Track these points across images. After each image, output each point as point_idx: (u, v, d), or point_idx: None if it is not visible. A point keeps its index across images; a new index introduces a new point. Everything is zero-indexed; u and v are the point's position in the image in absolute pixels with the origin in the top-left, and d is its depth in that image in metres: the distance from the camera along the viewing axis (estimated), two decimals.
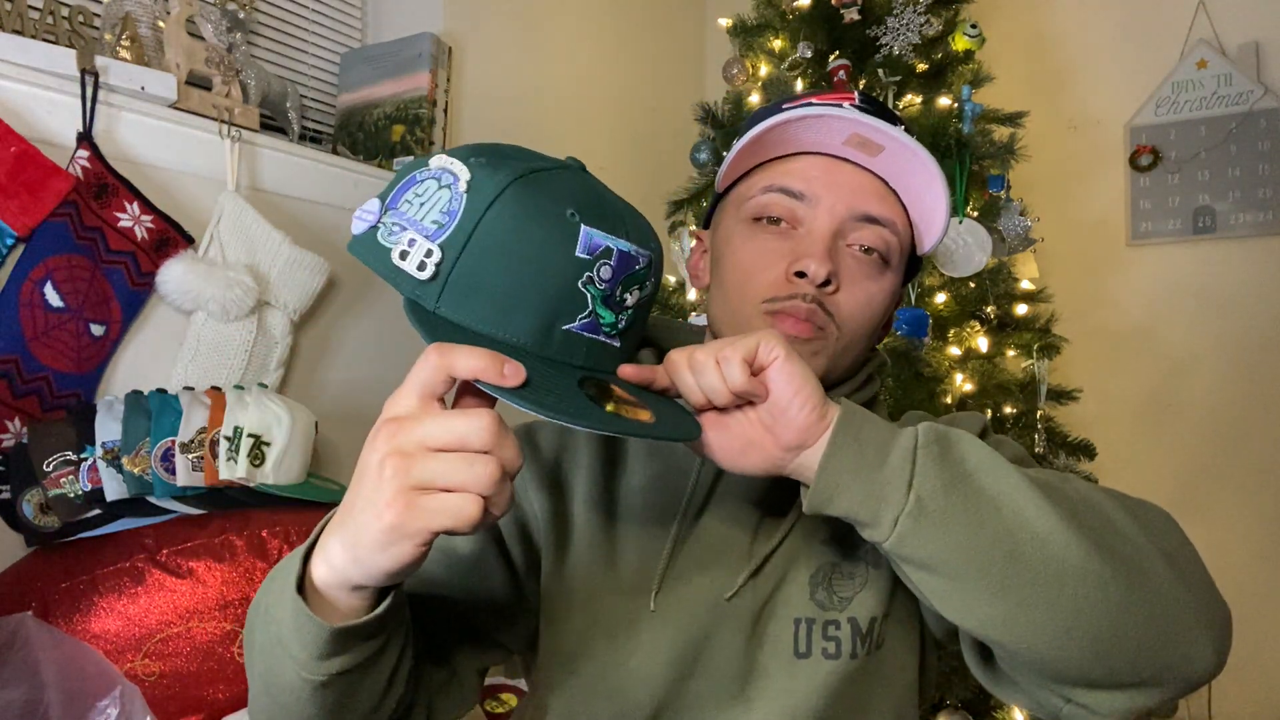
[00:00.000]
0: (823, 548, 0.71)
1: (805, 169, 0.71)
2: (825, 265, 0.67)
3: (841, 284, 0.69)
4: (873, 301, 0.71)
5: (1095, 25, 2.33)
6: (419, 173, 0.57)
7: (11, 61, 1.16)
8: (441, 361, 0.49)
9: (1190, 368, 2.19)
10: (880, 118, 0.69)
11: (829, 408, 0.57)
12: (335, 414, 1.59)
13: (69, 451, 1.13)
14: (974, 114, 1.73)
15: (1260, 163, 2.14)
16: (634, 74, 2.43)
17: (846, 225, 0.70)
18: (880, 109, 0.72)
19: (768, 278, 0.70)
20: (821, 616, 0.69)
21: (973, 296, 1.73)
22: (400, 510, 0.45)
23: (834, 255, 0.69)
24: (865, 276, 0.70)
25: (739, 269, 0.72)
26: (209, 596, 1.11)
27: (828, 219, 0.70)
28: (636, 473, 0.76)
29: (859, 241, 0.70)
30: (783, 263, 0.69)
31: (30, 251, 1.17)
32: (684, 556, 0.72)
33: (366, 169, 1.65)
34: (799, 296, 0.68)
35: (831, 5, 1.85)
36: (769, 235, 0.71)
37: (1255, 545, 2.10)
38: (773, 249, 0.70)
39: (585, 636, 0.71)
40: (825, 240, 0.69)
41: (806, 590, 0.70)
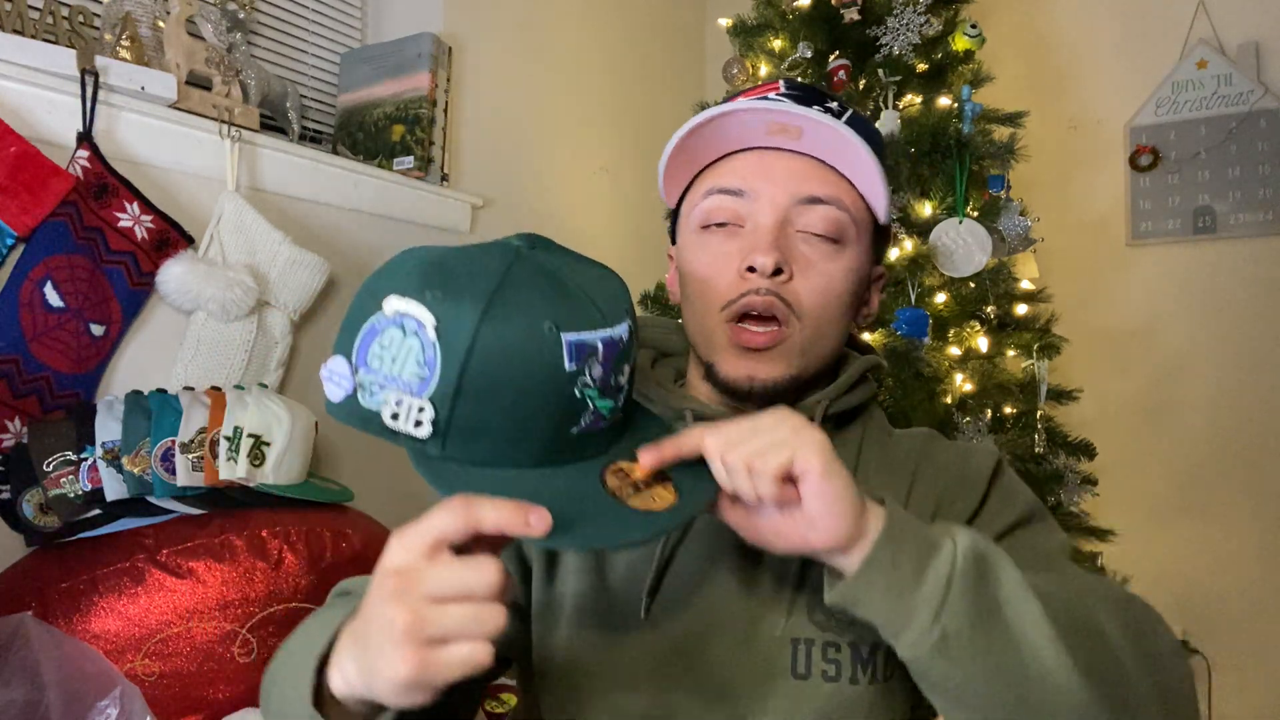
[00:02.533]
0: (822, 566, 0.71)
1: (739, 166, 0.71)
2: (772, 255, 0.68)
3: (796, 271, 0.69)
4: (833, 283, 0.70)
5: (1095, 25, 2.33)
6: (376, 320, 0.56)
7: (11, 61, 1.16)
8: (467, 516, 0.48)
9: (1190, 368, 2.19)
10: (806, 101, 0.70)
11: (866, 518, 0.55)
12: None
13: (69, 451, 1.13)
14: (974, 114, 1.73)
15: (1260, 163, 2.14)
16: (634, 74, 2.43)
17: (791, 212, 0.70)
18: (807, 91, 0.72)
19: (723, 281, 0.70)
20: (821, 638, 0.68)
21: (973, 296, 1.73)
22: (414, 665, 0.46)
23: (782, 244, 0.69)
24: (820, 259, 0.70)
25: (696, 278, 0.73)
26: (209, 596, 1.11)
27: (770, 210, 0.70)
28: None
29: (807, 226, 0.70)
30: (734, 262, 0.70)
31: (30, 251, 1.17)
32: (677, 567, 0.71)
33: (366, 169, 1.65)
34: (754, 291, 0.69)
35: (831, 5, 1.85)
36: (718, 239, 0.72)
37: (1255, 545, 2.10)
38: (723, 252, 0.71)
39: (575, 645, 0.71)
40: (771, 231, 0.69)
41: (804, 610, 0.69)
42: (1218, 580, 2.13)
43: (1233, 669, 2.09)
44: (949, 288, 1.72)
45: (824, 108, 0.70)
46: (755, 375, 0.70)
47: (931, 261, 1.67)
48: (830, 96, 0.73)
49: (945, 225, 1.69)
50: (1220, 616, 2.12)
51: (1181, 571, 2.16)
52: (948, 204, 1.71)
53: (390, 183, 1.68)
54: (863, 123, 0.72)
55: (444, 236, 1.83)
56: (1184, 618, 2.15)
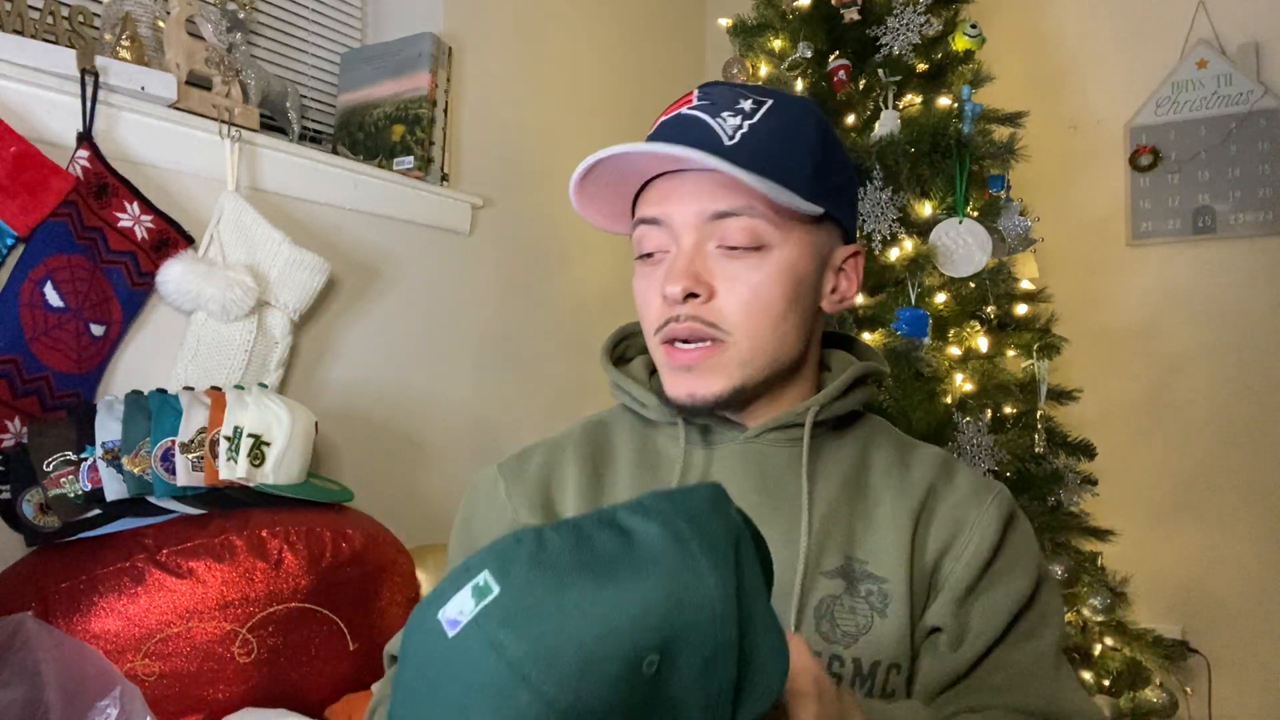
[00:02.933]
0: (826, 580, 0.70)
1: (654, 194, 0.72)
2: (678, 283, 0.68)
3: (719, 288, 0.70)
4: (759, 291, 0.70)
5: (1095, 25, 2.33)
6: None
7: (11, 61, 1.16)
8: None
9: (1190, 368, 2.19)
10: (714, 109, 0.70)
11: None
12: (335, 414, 1.59)
13: (69, 451, 1.13)
14: (974, 114, 1.73)
15: (1260, 163, 2.14)
16: (634, 74, 2.43)
17: (705, 231, 0.70)
18: (718, 96, 0.72)
19: (652, 309, 0.72)
20: (827, 650, 0.68)
21: (973, 296, 1.73)
22: None
23: (697, 266, 0.69)
24: (743, 270, 0.70)
25: (638, 307, 0.75)
26: (209, 596, 1.11)
27: (684, 234, 0.70)
28: (624, 485, 0.77)
29: (724, 240, 0.70)
30: (659, 290, 0.71)
31: (30, 251, 1.17)
32: None
33: (366, 169, 1.65)
34: (674, 319, 0.70)
35: (831, 5, 1.85)
36: (649, 268, 0.73)
37: (1255, 545, 2.10)
38: (652, 281, 0.72)
39: None
40: (684, 257, 0.69)
41: (811, 621, 0.69)
42: (1217, 580, 2.13)
43: (1233, 669, 2.09)
44: (949, 288, 1.72)
45: (734, 109, 0.70)
46: (694, 392, 0.71)
47: (931, 261, 1.67)
48: (745, 93, 0.72)
49: (945, 225, 1.69)
50: (1220, 616, 2.12)
51: (1181, 571, 2.16)
52: (948, 204, 1.71)
53: (390, 183, 1.68)
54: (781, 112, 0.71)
55: (444, 236, 1.83)
56: (1184, 617, 2.15)
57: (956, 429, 1.60)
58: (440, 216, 1.80)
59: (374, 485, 1.62)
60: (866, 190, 1.70)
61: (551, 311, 2.10)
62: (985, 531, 0.71)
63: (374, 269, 1.69)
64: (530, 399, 2.04)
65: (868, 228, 1.70)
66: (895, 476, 0.75)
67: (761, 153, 0.69)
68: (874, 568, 0.70)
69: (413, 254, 1.76)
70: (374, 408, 1.68)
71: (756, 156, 0.68)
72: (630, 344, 0.86)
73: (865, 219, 1.70)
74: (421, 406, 1.77)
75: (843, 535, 0.72)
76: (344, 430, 1.61)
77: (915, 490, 0.74)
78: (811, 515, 0.71)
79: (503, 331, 1.98)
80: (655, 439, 0.79)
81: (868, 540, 0.72)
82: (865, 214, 1.70)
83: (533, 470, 0.79)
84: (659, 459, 0.77)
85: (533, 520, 0.75)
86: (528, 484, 0.78)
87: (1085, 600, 1.67)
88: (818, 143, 0.73)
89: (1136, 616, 1.85)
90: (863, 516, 0.73)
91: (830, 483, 0.74)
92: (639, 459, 0.77)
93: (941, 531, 0.72)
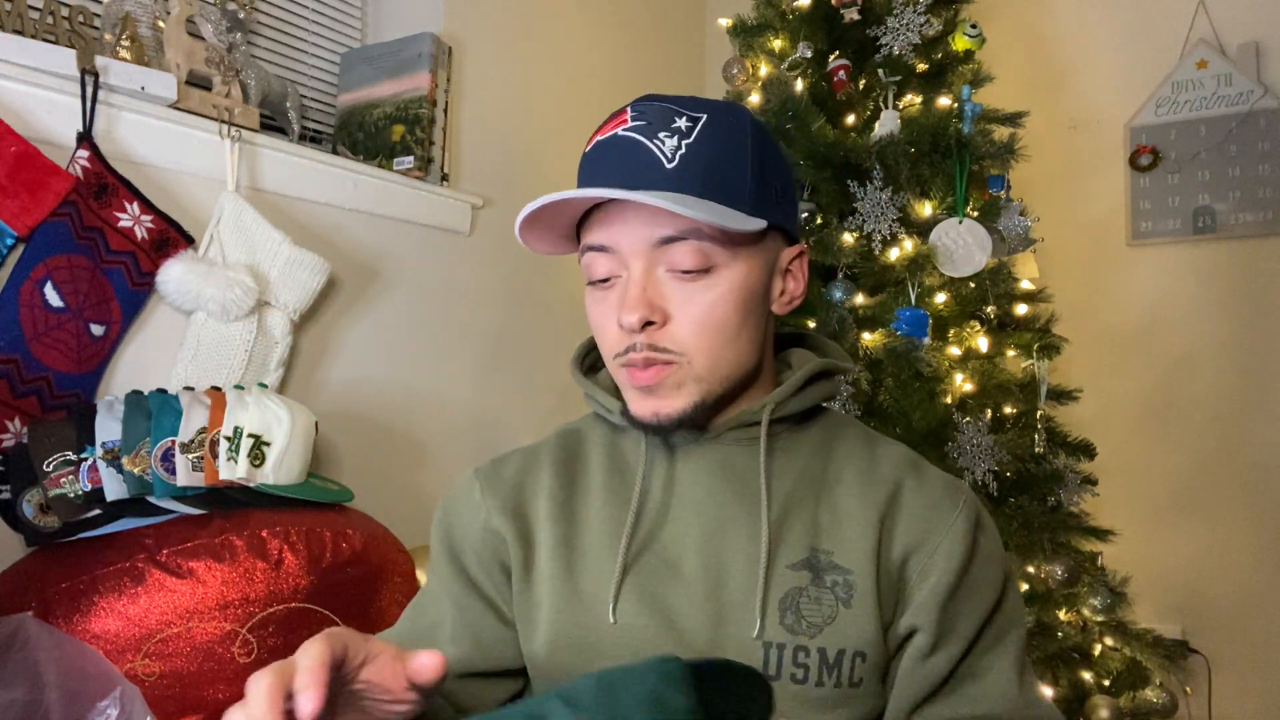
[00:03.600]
0: (790, 573, 0.71)
1: (600, 220, 0.72)
2: (634, 312, 0.68)
3: (671, 312, 0.70)
4: (713, 312, 0.70)
5: (1095, 25, 2.33)
6: None
7: (11, 61, 1.16)
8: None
9: (1190, 368, 2.19)
10: (650, 130, 0.69)
11: None
12: (335, 414, 1.59)
13: (69, 451, 1.13)
14: (974, 114, 1.73)
15: (1260, 163, 2.14)
16: (634, 74, 2.43)
17: (653, 256, 0.70)
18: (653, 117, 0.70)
19: (609, 335, 0.73)
20: (792, 641, 0.69)
21: (973, 296, 1.73)
22: None
23: (650, 293, 0.69)
24: (694, 292, 0.70)
25: (593, 330, 0.76)
26: (209, 596, 1.11)
27: (633, 261, 0.70)
28: (596, 488, 0.78)
29: (672, 265, 0.70)
30: (613, 317, 0.71)
31: (30, 251, 1.17)
32: (642, 570, 0.73)
33: (366, 169, 1.65)
34: (631, 348, 0.70)
35: (831, 5, 1.85)
36: (601, 293, 0.73)
37: (1255, 545, 2.10)
38: (605, 309, 0.73)
39: (553, 649, 0.73)
40: (636, 285, 0.70)
41: (776, 613, 0.70)
42: (1217, 579, 2.13)
43: (1232, 669, 2.09)
44: (949, 288, 1.72)
45: (670, 129, 0.69)
46: (659, 411, 0.72)
47: (931, 261, 1.67)
48: (679, 109, 0.71)
49: (945, 225, 1.69)
50: (1220, 616, 2.12)
51: (1181, 571, 2.16)
52: (948, 204, 1.71)
53: (390, 183, 1.68)
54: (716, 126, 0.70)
55: (444, 236, 1.83)
56: (1183, 617, 2.15)
57: (956, 429, 1.60)
58: (440, 216, 1.80)
59: (374, 485, 1.62)
60: (866, 190, 1.70)
61: (551, 311, 2.10)
62: (959, 537, 0.72)
63: (374, 269, 1.69)
64: (530, 399, 2.04)
65: (867, 228, 1.70)
66: (862, 470, 0.76)
67: (703, 173, 0.69)
68: (839, 559, 0.71)
69: (413, 254, 1.76)
70: (374, 408, 1.68)
71: (698, 178, 0.68)
72: (599, 352, 0.86)
73: (865, 219, 1.70)
74: (421, 406, 1.77)
75: (807, 528, 0.73)
76: (344, 430, 1.61)
77: (883, 485, 0.74)
78: (771, 510, 0.72)
79: (503, 331, 1.98)
80: (624, 444, 0.80)
81: (833, 532, 0.73)
82: (865, 214, 1.70)
83: (508, 476, 0.81)
84: (628, 462, 0.79)
85: (504, 524, 0.77)
86: (501, 488, 0.80)
87: (1085, 600, 1.67)
88: (755, 152, 0.73)
89: (1136, 616, 1.85)
90: (828, 509, 0.74)
91: (792, 477, 0.75)
92: (609, 465, 0.79)
93: (911, 529, 0.73)
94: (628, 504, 0.76)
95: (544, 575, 0.75)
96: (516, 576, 0.77)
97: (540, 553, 0.76)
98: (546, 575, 0.75)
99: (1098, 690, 1.68)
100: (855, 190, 1.70)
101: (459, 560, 0.80)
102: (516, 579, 0.77)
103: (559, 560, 0.75)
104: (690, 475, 0.75)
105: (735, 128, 0.72)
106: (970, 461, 1.58)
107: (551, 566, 0.75)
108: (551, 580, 0.75)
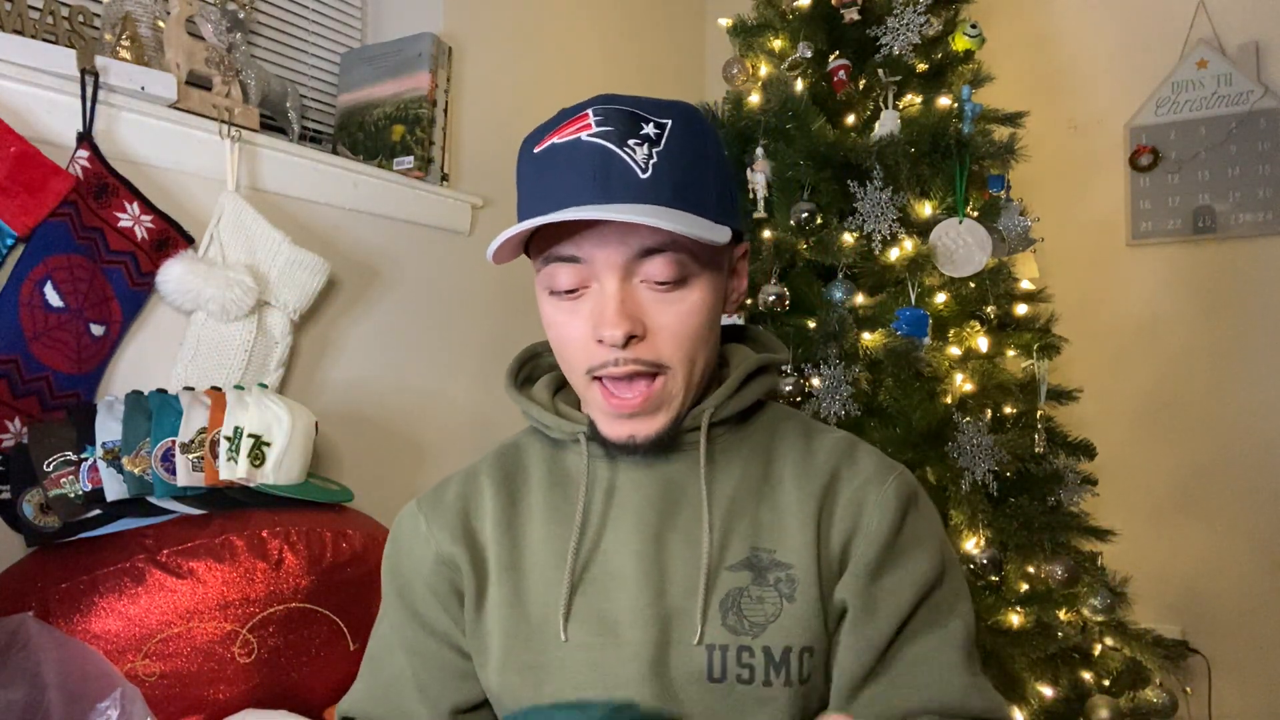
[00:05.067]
0: (730, 574, 0.71)
1: (571, 230, 0.69)
2: (620, 327, 0.67)
3: (649, 326, 0.69)
4: (688, 321, 0.70)
5: (1095, 25, 2.33)
6: None
7: (11, 61, 1.16)
8: None
9: (1190, 368, 2.19)
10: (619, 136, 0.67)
11: None
12: (335, 414, 1.59)
13: (69, 451, 1.13)
14: (974, 114, 1.73)
15: (1260, 163, 2.14)
16: (634, 74, 2.43)
17: (630, 267, 0.68)
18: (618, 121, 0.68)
19: (579, 349, 0.70)
20: (735, 642, 0.69)
21: (973, 296, 1.73)
22: None
23: (629, 307, 0.68)
24: (670, 304, 0.69)
25: (557, 341, 0.73)
26: (209, 596, 1.11)
27: (609, 274, 0.68)
28: (538, 506, 0.77)
29: (648, 277, 0.69)
30: (586, 329, 0.69)
31: (30, 251, 1.17)
32: (588, 587, 0.72)
33: (366, 169, 1.65)
34: (611, 362, 0.69)
35: (831, 5, 1.84)
36: (567, 304, 0.71)
37: (1255, 545, 2.10)
38: (575, 320, 0.70)
39: (504, 672, 0.73)
40: (615, 298, 0.68)
41: (718, 616, 0.70)
42: (1217, 579, 2.13)
43: (1232, 668, 2.09)
44: (949, 288, 1.72)
45: (639, 136, 0.68)
46: (636, 434, 0.71)
47: (931, 261, 1.67)
48: (641, 114, 0.69)
49: (945, 225, 1.69)
50: (1220, 616, 2.12)
51: (1181, 571, 2.16)
52: (948, 204, 1.71)
53: (390, 183, 1.68)
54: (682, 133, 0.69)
55: (444, 236, 1.83)
56: (1183, 617, 2.15)
57: (956, 429, 1.60)
58: (440, 216, 1.80)
59: (374, 485, 1.62)
60: (866, 190, 1.70)
61: None
62: (885, 510, 0.72)
63: (374, 269, 1.69)
64: None
65: (867, 228, 1.69)
66: (799, 463, 0.75)
67: (678, 184, 0.68)
68: (780, 555, 0.71)
69: (413, 254, 1.76)
70: (374, 408, 1.68)
71: (670, 188, 0.67)
72: (535, 365, 0.85)
73: (865, 219, 1.70)
74: (421, 406, 1.77)
75: (748, 528, 0.73)
76: (344, 430, 1.61)
77: (819, 474, 0.74)
78: (712, 515, 0.72)
79: (503, 331, 1.98)
80: (564, 458, 0.79)
81: (773, 529, 0.73)
82: (865, 214, 1.70)
83: (449, 501, 0.79)
84: (569, 476, 0.78)
85: (456, 550, 0.76)
86: (446, 515, 0.78)
87: (1085, 600, 1.66)
88: (715, 157, 0.72)
89: (1136, 616, 1.85)
90: (769, 506, 0.74)
91: (733, 479, 0.75)
92: (550, 479, 0.78)
93: (846, 514, 0.73)
94: (570, 520, 0.75)
95: (493, 603, 0.75)
96: (469, 606, 0.76)
97: (490, 579, 0.75)
98: (495, 603, 0.75)
99: (1098, 690, 1.68)
100: (855, 190, 1.70)
101: (410, 603, 0.78)
102: (469, 609, 0.76)
103: (506, 585, 0.74)
104: (631, 484, 0.75)
105: (698, 133, 0.71)
106: (970, 461, 1.58)
107: (499, 593, 0.74)
108: (500, 607, 0.74)
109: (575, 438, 0.76)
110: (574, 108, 0.71)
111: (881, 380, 1.66)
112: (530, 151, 0.73)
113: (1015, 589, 1.66)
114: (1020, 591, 1.66)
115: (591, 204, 0.66)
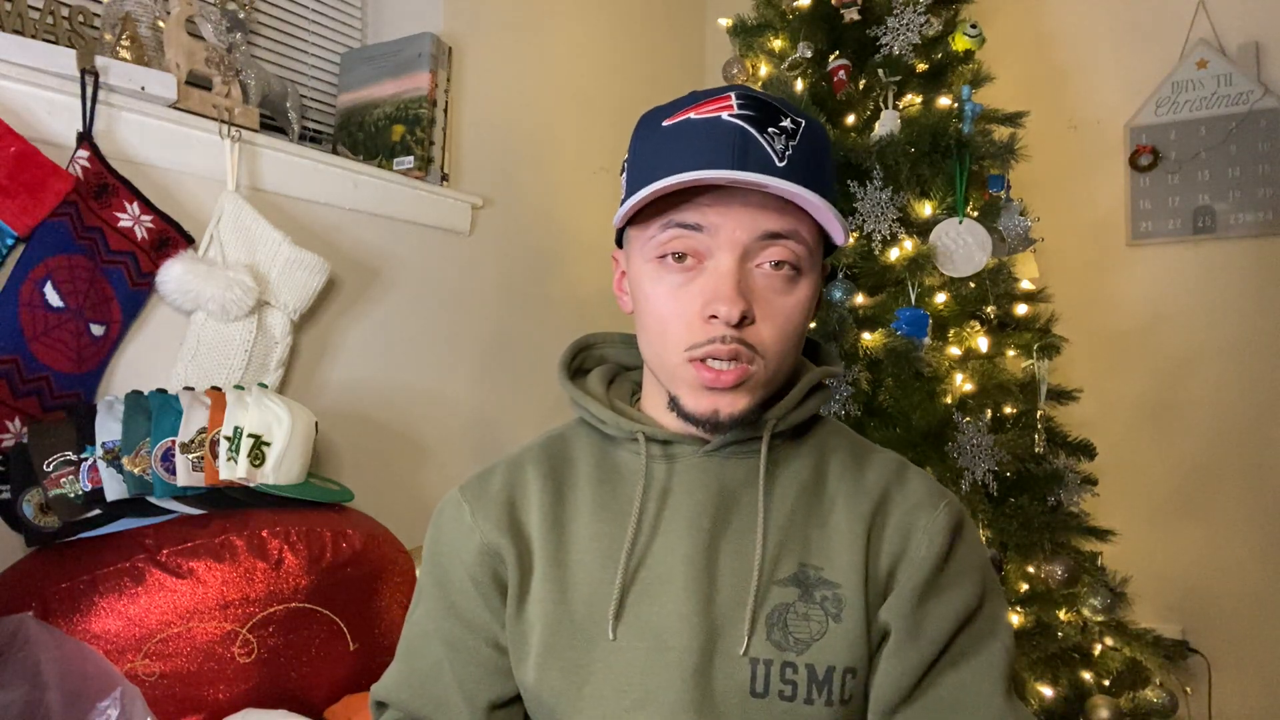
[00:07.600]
0: (779, 589, 0.71)
1: (700, 199, 0.69)
2: (736, 306, 0.66)
3: (757, 313, 0.68)
4: (791, 318, 0.70)
5: (1095, 25, 2.33)
6: None
7: (11, 61, 1.16)
8: None
9: (1190, 368, 2.19)
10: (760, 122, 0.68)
11: None
12: (335, 414, 1.59)
13: (69, 451, 1.13)
14: (974, 114, 1.73)
15: (1260, 163, 2.14)
16: (634, 74, 2.43)
17: (751, 248, 0.68)
18: (761, 108, 0.69)
19: (683, 324, 0.69)
20: (779, 658, 0.69)
21: (973, 296, 1.73)
22: None
23: (744, 287, 0.68)
24: (779, 293, 0.69)
25: (654, 316, 0.71)
26: (209, 596, 1.11)
27: (730, 249, 0.67)
28: (585, 501, 0.76)
29: (767, 259, 0.68)
30: (695, 305, 0.68)
31: (30, 251, 1.17)
32: (638, 589, 0.72)
33: (366, 169, 1.65)
34: (717, 339, 0.68)
35: (831, 5, 1.85)
36: (675, 275, 0.69)
37: (1255, 545, 2.10)
38: (683, 293, 0.69)
39: (543, 668, 0.72)
40: (732, 276, 0.67)
41: (763, 630, 0.69)
42: (1218, 580, 2.13)
43: (1233, 669, 2.09)
44: (949, 288, 1.72)
45: (778, 127, 0.68)
46: (720, 409, 0.70)
47: (931, 261, 1.67)
48: (784, 111, 0.70)
49: (945, 225, 1.69)
50: (1220, 616, 2.12)
51: (1181, 571, 2.16)
52: (948, 204, 1.71)
53: (390, 183, 1.68)
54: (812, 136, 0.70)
55: (444, 236, 1.83)
56: (1184, 617, 2.15)
57: (956, 429, 1.60)
58: (440, 216, 1.80)
59: (374, 485, 1.62)
60: (866, 190, 1.70)
61: (551, 311, 2.10)
62: (935, 537, 0.72)
63: (374, 269, 1.69)
64: (530, 399, 2.04)
65: (867, 228, 1.70)
66: (850, 481, 0.75)
67: (805, 180, 0.67)
68: (828, 573, 0.71)
69: (413, 254, 1.76)
70: (374, 408, 1.68)
71: (802, 184, 0.67)
72: (587, 356, 0.85)
73: (865, 219, 1.70)
74: (421, 406, 1.77)
75: (798, 543, 0.72)
76: (344, 430, 1.61)
77: (869, 495, 0.74)
78: (767, 527, 0.72)
79: (503, 331, 1.98)
80: (615, 453, 0.78)
81: (822, 546, 0.72)
82: (865, 214, 1.70)
83: (495, 490, 0.79)
84: (619, 473, 0.77)
85: (502, 541, 0.75)
86: (491, 505, 0.77)
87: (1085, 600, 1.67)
88: (831, 171, 0.73)
89: (1136, 616, 1.85)
90: (818, 523, 0.73)
91: (787, 492, 0.74)
92: (599, 474, 0.78)
93: (895, 537, 0.72)
94: (620, 518, 0.74)
95: (536, 597, 0.74)
96: (511, 598, 0.75)
97: (535, 572, 0.75)
98: (538, 597, 0.74)
99: (1098, 690, 1.68)
100: (855, 190, 1.70)
101: (448, 594, 0.78)
102: (511, 601, 0.75)
103: (550, 579, 0.74)
104: (685, 488, 0.74)
105: (824, 144, 0.72)
106: (970, 461, 1.58)
107: (543, 587, 0.74)
108: (543, 602, 0.73)
109: (633, 436, 0.75)
110: (712, 90, 0.72)
111: (881, 380, 1.66)
112: (658, 124, 0.72)
113: (1015, 589, 1.66)
114: (1020, 591, 1.66)
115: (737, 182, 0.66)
